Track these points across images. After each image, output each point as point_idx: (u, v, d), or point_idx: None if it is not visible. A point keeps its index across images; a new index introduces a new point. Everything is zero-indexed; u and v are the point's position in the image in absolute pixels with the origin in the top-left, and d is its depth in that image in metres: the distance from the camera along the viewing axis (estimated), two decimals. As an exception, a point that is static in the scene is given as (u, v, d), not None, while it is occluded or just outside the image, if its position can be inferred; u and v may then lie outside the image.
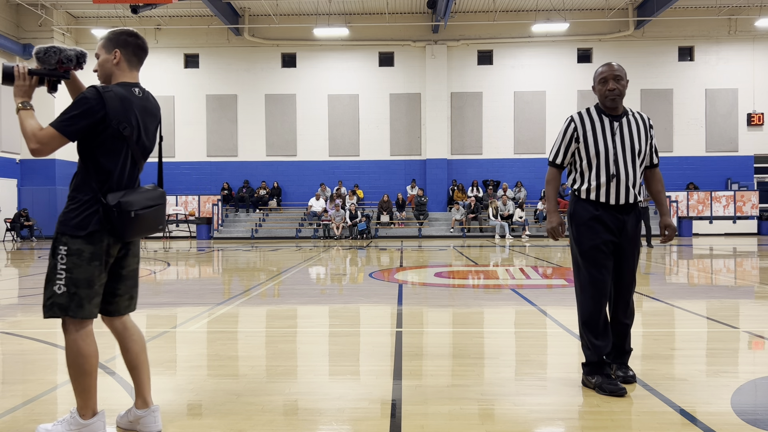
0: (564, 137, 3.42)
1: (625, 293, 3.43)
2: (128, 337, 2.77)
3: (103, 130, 2.52)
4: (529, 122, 23.91)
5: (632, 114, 3.41)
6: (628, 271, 3.40)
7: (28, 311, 6.13)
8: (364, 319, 5.70)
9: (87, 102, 2.47)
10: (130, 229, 2.56)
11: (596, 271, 3.31)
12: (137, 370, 2.77)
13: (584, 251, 3.35)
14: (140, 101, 2.65)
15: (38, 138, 2.42)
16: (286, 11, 23.50)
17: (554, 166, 3.50)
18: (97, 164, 2.55)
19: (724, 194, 22.25)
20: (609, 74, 3.34)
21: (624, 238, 3.36)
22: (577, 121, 3.39)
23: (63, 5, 22.58)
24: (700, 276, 9.09)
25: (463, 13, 23.53)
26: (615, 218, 3.34)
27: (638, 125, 3.38)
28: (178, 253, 15.14)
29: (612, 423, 2.83)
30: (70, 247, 2.50)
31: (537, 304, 6.21)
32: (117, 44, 2.66)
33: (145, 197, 2.62)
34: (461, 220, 21.45)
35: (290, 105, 24.21)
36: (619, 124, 3.35)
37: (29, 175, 22.75)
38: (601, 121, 3.36)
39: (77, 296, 2.50)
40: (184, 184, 23.99)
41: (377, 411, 3.02)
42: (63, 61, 2.63)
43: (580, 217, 3.39)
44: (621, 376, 3.43)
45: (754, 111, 23.59)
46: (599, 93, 3.39)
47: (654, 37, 23.62)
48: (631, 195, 3.32)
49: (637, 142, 3.33)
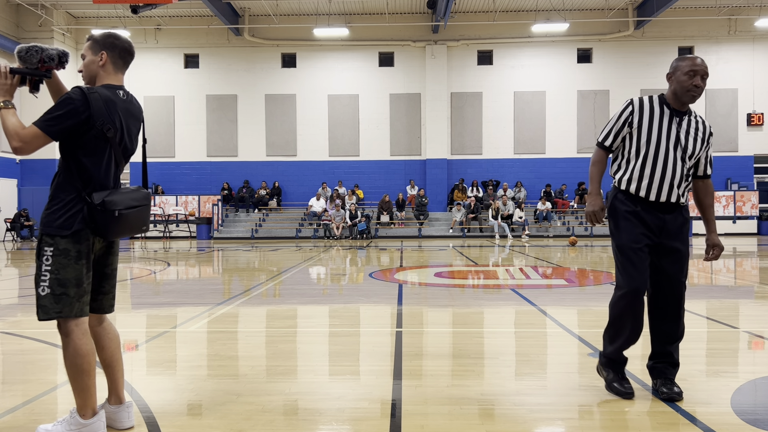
0: (618, 120, 3.22)
1: (671, 302, 3.17)
2: (105, 336, 2.78)
3: (86, 130, 2.52)
4: (529, 122, 23.91)
5: (695, 116, 3.22)
6: (671, 277, 3.14)
7: (28, 311, 6.13)
8: (364, 319, 5.70)
9: (72, 102, 2.47)
10: (114, 228, 2.57)
11: (632, 268, 3.09)
12: (111, 368, 2.78)
13: (621, 245, 3.14)
14: (124, 104, 2.67)
15: (21, 137, 2.42)
16: (286, 11, 23.49)
17: (602, 147, 3.30)
18: (80, 164, 2.56)
19: (724, 194, 22.25)
20: (700, 70, 3.09)
21: (665, 238, 3.13)
22: (636, 106, 3.18)
23: (63, 5, 22.57)
24: (700, 276, 9.09)
25: (463, 13, 23.52)
26: (655, 217, 3.13)
27: (698, 129, 3.18)
28: (178, 253, 15.14)
29: (612, 423, 2.83)
30: (57, 247, 2.51)
31: (537, 304, 6.21)
32: (104, 46, 2.67)
33: (130, 197, 2.64)
34: (462, 220, 21.45)
35: (290, 105, 24.21)
36: (679, 121, 3.15)
37: (29, 175, 22.75)
38: (662, 112, 3.15)
39: (66, 296, 2.51)
40: (184, 184, 23.99)
41: (377, 411, 3.02)
42: (45, 60, 2.63)
43: (618, 211, 3.19)
44: (665, 392, 3.14)
45: (754, 111, 23.59)
46: (681, 85, 3.11)
47: (654, 37, 23.62)
48: (674, 194, 3.11)
49: (691, 144, 3.14)
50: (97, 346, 2.77)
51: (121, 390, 2.80)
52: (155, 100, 23.84)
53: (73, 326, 2.54)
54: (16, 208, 22.34)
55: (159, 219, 22.30)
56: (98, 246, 2.68)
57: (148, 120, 21.40)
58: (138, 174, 21.84)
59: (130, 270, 10.56)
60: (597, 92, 23.73)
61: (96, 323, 2.77)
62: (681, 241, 3.17)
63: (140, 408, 3.06)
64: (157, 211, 22.22)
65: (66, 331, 2.54)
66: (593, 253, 13.65)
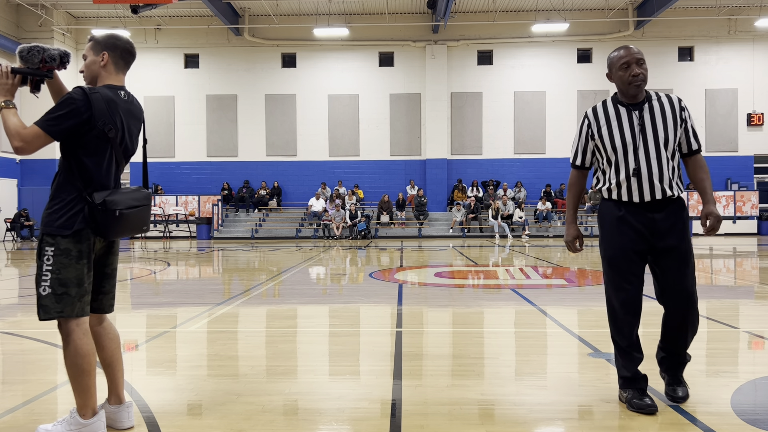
0: (580, 136, 3.13)
1: (678, 302, 2.96)
2: (105, 335, 2.79)
3: (88, 131, 2.53)
4: (529, 122, 23.91)
5: (657, 98, 3.01)
6: (674, 284, 2.94)
7: (28, 311, 6.13)
8: (364, 319, 5.70)
9: (73, 102, 2.48)
10: (115, 227, 2.58)
11: (620, 279, 2.97)
12: (112, 368, 2.79)
13: (608, 256, 3.03)
14: (125, 104, 2.68)
15: (22, 136, 2.43)
16: (286, 11, 23.49)
17: (576, 167, 3.19)
18: (81, 164, 2.57)
19: (724, 194, 22.24)
20: (631, 58, 2.95)
21: (658, 239, 2.95)
22: (591, 117, 3.07)
23: (63, 5, 22.57)
24: (700, 276, 9.08)
25: (463, 13, 23.53)
26: (643, 217, 2.96)
27: (664, 110, 2.98)
28: (178, 253, 15.14)
29: (612, 423, 2.83)
30: (58, 246, 2.51)
31: (537, 304, 6.21)
32: (105, 47, 2.68)
33: (131, 197, 2.64)
34: (462, 220, 21.45)
35: (290, 105, 24.21)
36: (639, 113, 2.98)
37: (29, 175, 22.75)
38: (618, 113, 3.01)
39: (67, 295, 2.51)
40: (184, 184, 23.99)
41: (377, 411, 3.02)
42: (46, 60, 2.64)
43: (604, 218, 3.07)
44: (669, 394, 3.05)
45: (754, 111, 23.59)
46: (620, 80, 2.99)
47: (654, 37, 23.62)
48: (658, 190, 2.92)
49: (662, 131, 2.94)
50: (97, 346, 2.77)
51: (121, 390, 2.81)
52: (155, 100, 23.83)
53: (74, 326, 2.54)
54: (16, 208, 22.34)
55: (159, 219, 22.29)
56: (99, 246, 2.69)
57: (149, 120, 21.38)
58: (137, 174, 21.82)
59: (130, 270, 10.56)
60: (597, 92, 23.72)
61: (96, 323, 2.78)
62: (677, 238, 2.95)
63: (140, 408, 3.06)
64: (157, 211, 22.22)
65: (67, 331, 2.54)
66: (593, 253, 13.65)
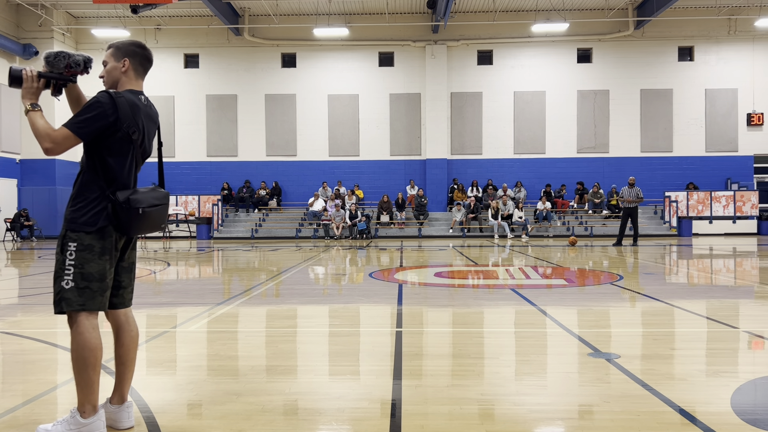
0: None
1: None
2: (127, 330, 2.85)
3: (113, 133, 2.64)
4: (529, 122, 23.91)
5: None
6: None
7: (28, 311, 6.13)
8: (364, 319, 5.70)
9: (101, 106, 2.59)
10: (137, 225, 2.68)
11: None
12: (124, 366, 2.83)
13: None
14: (145, 108, 2.81)
15: (52, 138, 2.53)
16: (286, 11, 23.50)
17: None
18: (105, 164, 2.66)
19: (724, 194, 22.25)
20: None
21: None
22: None
23: (63, 5, 22.57)
24: (700, 276, 9.09)
25: (463, 13, 23.53)
26: None
27: None
28: (178, 253, 15.14)
29: (612, 423, 2.83)
30: (81, 242, 2.59)
31: (537, 304, 6.21)
32: (126, 53, 2.80)
33: (152, 196, 2.75)
34: (462, 220, 21.45)
35: (290, 105, 24.21)
36: None
37: (29, 175, 22.75)
38: None
39: (89, 290, 2.59)
40: (184, 184, 23.99)
41: (377, 411, 3.02)
42: (71, 65, 2.75)
43: None
44: None
45: (753, 111, 23.60)
46: None
47: (654, 37, 23.62)
48: None
49: None
50: (117, 341, 2.84)
51: (126, 390, 2.83)
52: (155, 100, 23.55)
53: (84, 319, 2.59)
54: (16, 208, 22.34)
55: (159, 219, 22.28)
56: (121, 243, 2.77)
57: (148, 120, 21.34)
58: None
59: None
60: (597, 92, 23.73)
61: (123, 317, 2.85)
62: None
63: (140, 408, 3.05)
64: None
65: (77, 324, 2.59)
66: (593, 253, 13.65)
